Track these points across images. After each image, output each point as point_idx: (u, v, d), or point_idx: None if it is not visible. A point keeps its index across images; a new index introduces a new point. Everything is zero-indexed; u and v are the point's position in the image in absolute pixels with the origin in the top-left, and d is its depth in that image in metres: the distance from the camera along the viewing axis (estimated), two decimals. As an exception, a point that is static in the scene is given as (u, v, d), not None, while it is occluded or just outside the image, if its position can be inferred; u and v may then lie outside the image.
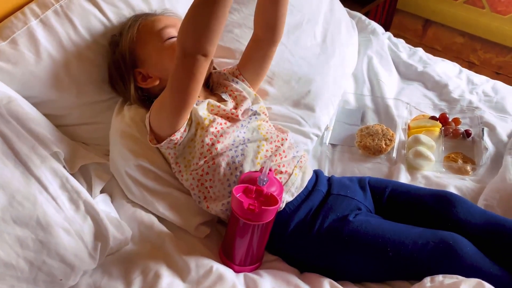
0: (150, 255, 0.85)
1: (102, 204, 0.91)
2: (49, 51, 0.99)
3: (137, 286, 0.80)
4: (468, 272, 0.80)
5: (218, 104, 0.96)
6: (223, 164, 0.89)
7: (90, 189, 0.92)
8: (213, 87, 1.07)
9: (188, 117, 0.90)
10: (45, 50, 0.98)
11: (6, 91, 0.91)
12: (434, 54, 1.71)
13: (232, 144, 0.91)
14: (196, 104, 0.93)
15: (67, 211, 0.79)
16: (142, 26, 1.00)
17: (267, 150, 0.93)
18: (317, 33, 1.29)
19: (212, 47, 0.80)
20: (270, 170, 0.84)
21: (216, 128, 0.92)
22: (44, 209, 0.77)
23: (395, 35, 2.01)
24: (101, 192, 0.95)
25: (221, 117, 0.95)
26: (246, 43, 1.08)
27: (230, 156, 0.90)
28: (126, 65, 1.00)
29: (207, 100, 0.96)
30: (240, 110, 0.97)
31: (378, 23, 2.27)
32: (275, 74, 1.18)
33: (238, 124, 0.95)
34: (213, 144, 0.90)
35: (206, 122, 0.92)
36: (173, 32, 0.98)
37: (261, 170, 0.83)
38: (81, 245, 0.78)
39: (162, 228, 0.90)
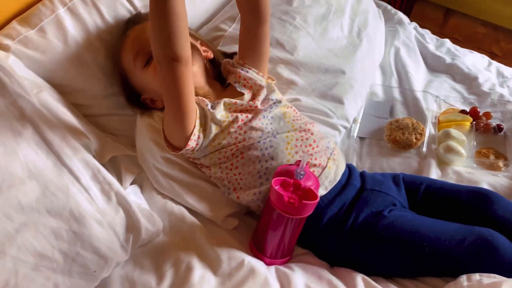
0: (181, 247, 0.84)
1: (133, 195, 0.91)
2: (77, 39, 0.98)
3: (169, 278, 0.79)
4: (506, 269, 0.78)
5: (234, 101, 0.93)
6: (253, 157, 0.88)
7: (119, 181, 0.91)
8: (226, 76, 1.03)
9: (196, 123, 0.87)
10: (73, 39, 0.97)
11: (35, 80, 0.91)
12: (455, 44, 1.67)
13: (260, 137, 0.90)
14: (212, 108, 0.91)
15: (99, 202, 0.79)
16: (122, 59, 0.98)
17: (297, 140, 0.91)
18: (344, 24, 1.26)
19: (181, 50, 0.77)
20: (306, 164, 0.83)
21: (239, 125, 0.90)
22: (77, 200, 0.76)
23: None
24: (131, 183, 0.94)
25: (240, 112, 0.93)
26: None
27: (259, 149, 0.89)
28: (132, 97, 1.00)
29: (222, 101, 0.93)
30: (258, 100, 0.95)
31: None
32: (302, 65, 1.16)
33: (260, 116, 0.93)
34: (239, 142, 0.89)
35: (226, 123, 0.90)
36: (142, 57, 0.94)
37: (297, 163, 0.82)
38: (113, 237, 0.78)
39: (193, 219, 0.89)
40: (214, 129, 0.89)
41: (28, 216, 0.72)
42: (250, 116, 0.92)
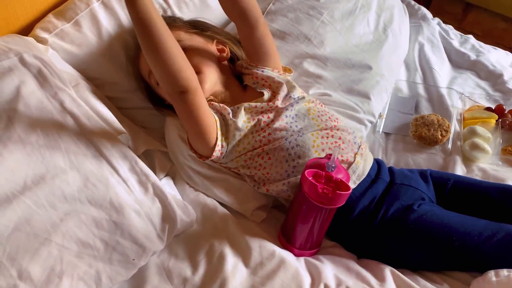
0: (213, 236, 0.86)
1: (167, 187, 0.93)
2: (110, 33, 1.00)
3: (203, 267, 0.82)
4: None
5: (254, 105, 0.93)
6: (280, 158, 0.90)
7: (154, 173, 0.94)
8: (243, 77, 1.03)
9: (218, 134, 0.89)
10: (107, 32, 0.99)
11: (73, 73, 0.93)
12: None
13: (285, 136, 0.90)
14: (234, 116, 0.92)
15: (137, 193, 0.81)
16: (141, 70, 1.00)
17: (322, 137, 0.92)
18: (370, 19, 1.27)
19: (186, 83, 0.80)
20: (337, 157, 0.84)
21: (262, 127, 0.91)
22: (116, 191, 0.79)
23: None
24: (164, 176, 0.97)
25: (262, 114, 0.93)
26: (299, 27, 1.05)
27: (285, 149, 0.90)
28: (158, 102, 1.02)
29: (242, 106, 0.93)
30: (278, 99, 0.95)
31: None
32: (328, 60, 1.17)
33: (282, 116, 0.93)
34: (264, 144, 0.90)
35: (250, 129, 0.91)
36: None
37: (328, 157, 0.83)
38: (150, 226, 0.80)
39: (225, 211, 0.92)
40: (237, 136, 0.91)
41: (71, 206, 0.74)
42: (271, 116, 0.93)
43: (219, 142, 0.89)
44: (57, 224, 0.72)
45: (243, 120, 0.92)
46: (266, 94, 0.97)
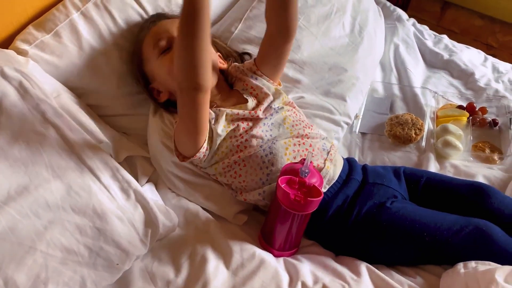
0: (196, 240, 0.89)
1: (150, 192, 0.95)
2: (91, 43, 1.02)
3: (185, 270, 0.85)
4: (500, 256, 0.84)
5: (236, 112, 0.96)
6: (254, 165, 0.93)
7: (136, 179, 0.96)
8: (233, 82, 1.07)
9: (207, 137, 0.92)
10: (87, 42, 1.01)
11: (54, 84, 0.95)
12: (452, 37, 1.69)
13: (260, 144, 0.93)
14: (215, 121, 0.94)
15: (119, 200, 0.84)
16: (143, 43, 1.03)
17: (294, 145, 0.95)
18: (345, 23, 1.31)
19: (203, 81, 0.82)
20: (311, 162, 0.88)
21: (240, 133, 0.94)
22: (99, 198, 0.81)
23: (413, 18, 1.98)
24: (147, 181, 0.99)
25: (242, 120, 0.96)
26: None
27: (259, 156, 0.93)
28: (141, 83, 1.04)
29: (224, 112, 0.96)
30: (260, 109, 0.98)
31: (396, 5, 2.23)
32: (306, 64, 1.20)
33: (260, 124, 0.96)
34: (241, 150, 0.93)
35: (229, 134, 0.94)
36: (163, 43, 0.99)
37: (302, 162, 0.86)
38: (133, 232, 0.83)
39: (207, 215, 0.95)
40: (218, 141, 0.94)
41: (55, 214, 0.77)
42: (251, 124, 0.96)
43: (205, 145, 0.92)
44: (42, 232, 0.75)
45: (222, 125, 0.95)
46: (251, 103, 1.00)
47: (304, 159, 0.84)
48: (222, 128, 0.94)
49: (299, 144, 0.96)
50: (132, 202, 0.85)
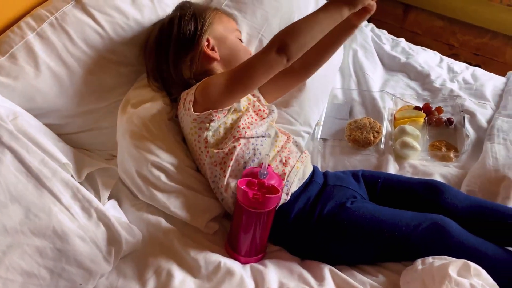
0: (160, 255, 0.90)
1: (112, 210, 0.96)
2: (48, 63, 1.02)
3: (151, 285, 0.85)
4: (456, 248, 0.88)
5: (254, 98, 1.07)
6: (245, 149, 0.96)
7: (97, 195, 0.97)
8: None
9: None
10: (44, 63, 1.01)
11: (10, 107, 0.95)
12: (415, 38, 1.74)
13: (256, 135, 0.99)
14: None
15: (81, 219, 0.84)
16: (217, 13, 1.11)
17: (278, 147, 1.01)
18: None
19: (298, 56, 0.93)
20: (269, 165, 0.91)
21: (248, 118, 1.01)
22: (59, 219, 0.81)
23: (377, 21, 2.02)
24: (109, 198, 1.00)
25: (253, 111, 1.04)
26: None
27: (251, 143, 0.97)
28: (197, 31, 1.06)
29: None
30: (264, 107, 1.08)
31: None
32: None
33: (263, 122, 1.03)
34: (244, 130, 0.98)
35: (243, 111, 1.01)
36: (240, 34, 1.15)
37: (260, 166, 0.90)
38: (96, 250, 0.83)
39: (170, 227, 0.95)
40: (232, 112, 1.00)
41: (13, 238, 0.77)
42: (256, 118, 1.04)
43: (228, 108, 0.98)
44: (0, 258, 0.74)
45: (244, 101, 1.03)
46: (262, 100, 1.12)
47: (263, 163, 0.88)
48: (242, 103, 1.02)
49: (283, 145, 1.02)
50: (94, 221, 0.85)
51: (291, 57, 0.92)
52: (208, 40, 1.07)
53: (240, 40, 1.14)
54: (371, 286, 0.88)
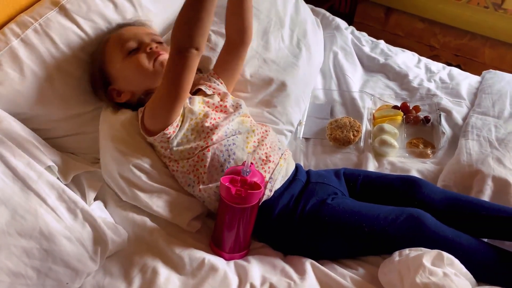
0: (146, 254, 0.92)
1: (98, 210, 0.98)
2: (32, 68, 1.03)
3: (137, 283, 0.87)
4: (432, 239, 0.92)
5: (206, 99, 1.07)
6: (218, 152, 0.98)
7: (83, 197, 0.98)
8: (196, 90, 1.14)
9: (181, 112, 0.99)
10: (29, 68, 1.03)
11: (-4, 112, 0.96)
12: (397, 40, 1.77)
13: (225, 135, 1.01)
14: (190, 103, 1.03)
15: (67, 220, 0.86)
16: (108, 44, 1.08)
17: (254, 141, 1.03)
18: (284, 35, 1.37)
19: (203, 41, 0.90)
20: (251, 163, 0.94)
21: (211, 122, 1.01)
22: (45, 220, 0.83)
23: (360, 24, 2.06)
24: (95, 199, 1.01)
25: (213, 110, 1.04)
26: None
27: (223, 145, 0.99)
28: (100, 84, 1.08)
29: (196, 98, 1.06)
30: (227, 102, 1.07)
31: (343, 12, 2.30)
32: (249, 83, 1.25)
33: (229, 118, 1.04)
34: (209, 136, 0.99)
35: (201, 116, 1.01)
36: (133, 44, 1.06)
37: (243, 164, 0.92)
38: (82, 250, 0.85)
39: (155, 226, 0.97)
40: (189, 120, 1.00)
41: (0, 240, 0.78)
42: (222, 116, 1.04)
43: (177, 120, 0.97)
44: (-13, 259, 0.76)
45: (198, 107, 1.02)
46: (216, 97, 1.09)
47: (245, 161, 0.90)
48: (196, 109, 1.01)
49: (259, 141, 1.04)
50: (80, 221, 0.87)
51: (197, 46, 0.89)
52: (113, 90, 1.08)
53: (134, 49, 1.06)
54: (351, 278, 0.91)
